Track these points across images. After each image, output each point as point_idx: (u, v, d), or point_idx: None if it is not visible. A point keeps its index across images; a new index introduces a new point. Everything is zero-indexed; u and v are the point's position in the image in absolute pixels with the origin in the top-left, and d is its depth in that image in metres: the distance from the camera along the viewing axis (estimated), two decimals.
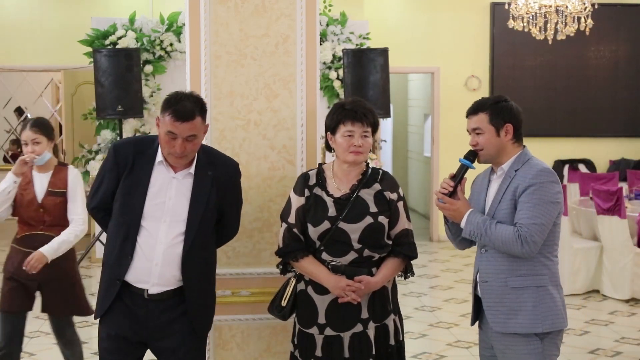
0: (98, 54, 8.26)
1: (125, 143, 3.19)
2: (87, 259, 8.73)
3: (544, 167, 3.07)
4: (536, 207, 2.98)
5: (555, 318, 3.06)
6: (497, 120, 3.10)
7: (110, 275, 3.10)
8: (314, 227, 3.15)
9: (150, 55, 8.97)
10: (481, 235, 3.05)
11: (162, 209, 3.06)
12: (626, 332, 6.16)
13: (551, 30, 7.85)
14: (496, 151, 3.12)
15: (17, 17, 9.86)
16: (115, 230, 3.11)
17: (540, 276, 3.06)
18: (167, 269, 3.05)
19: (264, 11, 3.60)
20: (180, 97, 3.02)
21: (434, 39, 10.24)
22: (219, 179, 3.14)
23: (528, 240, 2.95)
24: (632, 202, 7.82)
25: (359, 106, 3.17)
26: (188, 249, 3.05)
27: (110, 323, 3.11)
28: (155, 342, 3.14)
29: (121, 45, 8.75)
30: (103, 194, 3.15)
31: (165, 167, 3.10)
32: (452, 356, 5.56)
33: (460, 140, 9.88)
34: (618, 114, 10.58)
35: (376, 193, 3.18)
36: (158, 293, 3.07)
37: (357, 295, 3.09)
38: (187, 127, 2.98)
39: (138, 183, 3.07)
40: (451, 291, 7.52)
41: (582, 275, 7.33)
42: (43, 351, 5.65)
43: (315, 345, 3.17)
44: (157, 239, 3.05)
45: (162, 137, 3.04)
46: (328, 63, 9.07)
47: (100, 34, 8.93)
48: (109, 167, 3.14)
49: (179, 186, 3.09)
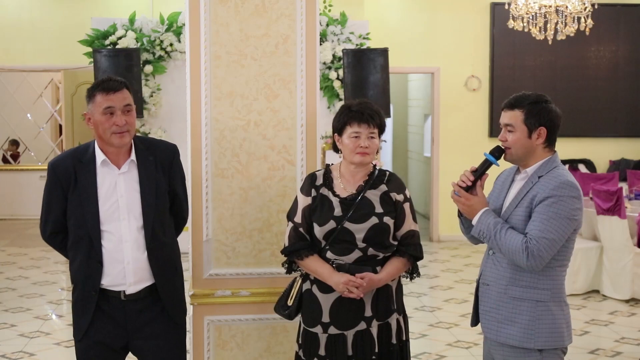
0: (98, 54, 8.26)
1: (61, 159, 3.16)
2: None
3: (567, 180, 2.91)
4: (550, 221, 2.83)
5: (552, 336, 2.92)
6: (532, 121, 2.94)
7: (83, 291, 3.10)
8: (320, 226, 3.16)
9: (150, 56, 8.97)
10: (490, 238, 2.93)
11: (117, 209, 3.07)
12: (626, 332, 6.16)
13: (551, 30, 7.85)
14: (524, 153, 2.99)
15: (17, 17, 9.86)
16: (77, 245, 3.10)
17: (541, 290, 2.93)
18: (138, 265, 3.08)
19: (264, 11, 3.60)
20: (102, 78, 3.10)
21: (434, 39, 10.24)
22: (162, 162, 3.17)
23: (535, 254, 2.82)
24: (632, 202, 7.82)
25: (366, 107, 3.19)
26: (150, 240, 3.08)
27: (92, 335, 3.11)
28: (136, 342, 3.14)
29: (121, 45, 8.76)
30: (55, 216, 3.13)
31: (108, 167, 3.10)
32: (452, 356, 5.56)
33: (460, 140, 9.96)
34: (618, 114, 10.58)
35: (382, 194, 3.20)
36: (135, 292, 3.09)
37: (360, 291, 3.09)
38: (121, 97, 3.03)
39: (86, 191, 3.07)
40: (451, 291, 7.52)
41: (582, 275, 7.32)
42: (43, 351, 5.65)
43: (319, 344, 3.18)
44: (121, 238, 3.06)
45: (100, 120, 3.03)
46: (328, 63, 9.07)
47: (100, 34, 8.93)
48: (52, 187, 3.12)
49: (126, 181, 3.10)
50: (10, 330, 6.14)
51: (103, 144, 3.09)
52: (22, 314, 6.66)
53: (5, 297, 7.24)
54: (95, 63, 8.24)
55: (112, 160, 3.10)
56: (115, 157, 3.11)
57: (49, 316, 6.58)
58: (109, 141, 3.06)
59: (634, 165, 10.40)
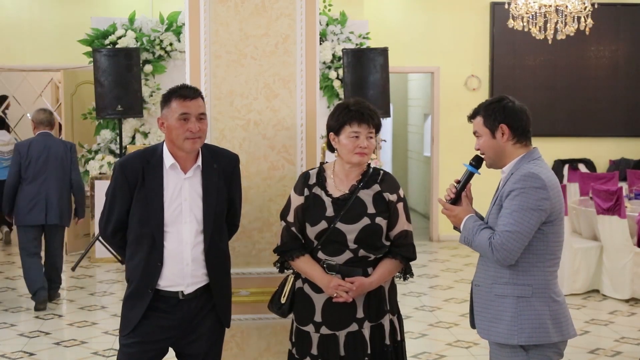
0: (98, 54, 8.26)
1: (130, 158, 3.22)
2: (87, 259, 8.73)
3: (529, 172, 2.92)
4: (513, 214, 2.88)
5: (535, 332, 2.92)
6: (491, 122, 3.03)
7: (139, 287, 3.16)
8: (312, 226, 3.16)
9: (150, 55, 8.97)
10: (470, 242, 3.00)
11: (180, 212, 3.14)
12: (626, 332, 6.16)
13: (551, 30, 7.85)
14: (496, 154, 3.04)
15: (17, 17, 9.86)
16: (138, 243, 3.16)
17: (522, 286, 2.94)
18: (196, 267, 3.16)
19: (264, 11, 3.60)
20: (179, 85, 3.16)
21: (434, 39, 10.23)
22: (225, 171, 3.23)
23: (498, 247, 2.87)
24: (632, 202, 7.82)
25: (365, 107, 3.18)
26: (208, 245, 3.16)
27: (141, 332, 3.16)
28: (185, 340, 3.21)
29: (121, 45, 8.76)
30: (119, 214, 3.18)
31: (175, 171, 3.16)
32: (452, 356, 5.56)
33: (460, 140, 9.94)
34: (618, 114, 10.57)
35: (375, 194, 3.18)
36: (192, 292, 3.17)
37: (350, 295, 3.09)
38: (196, 105, 3.10)
39: (153, 192, 3.13)
40: (451, 291, 7.52)
41: (582, 275, 7.32)
42: (43, 351, 5.65)
43: (312, 343, 3.18)
44: (182, 240, 3.14)
45: (174, 126, 3.09)
46: (328, 63, 9.08)
47: (100, 33, 8.94)
48: (120, 185, 3.17)
49: (191, 186, 3.17)
50: (10, 330, 6.14)
51: (174, 148, 3.15)
52: (22, 314, 6.66)
53: (5, 297, 7.23)
54: (95, 63, 8.24)
55: (180, 164, 3.17)
56: (183, 162, 3.17)
57: (49, 316, 6.58)
58: (181, 146, 3.12)
59: (634, 165, 10.40)
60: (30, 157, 6.67)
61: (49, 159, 6.72)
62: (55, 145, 6.83)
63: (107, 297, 7.28)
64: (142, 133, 8.96)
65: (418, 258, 3.34)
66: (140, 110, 8.44)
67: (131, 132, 8.95)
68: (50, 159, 6.72)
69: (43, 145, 6.74)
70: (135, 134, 8.99)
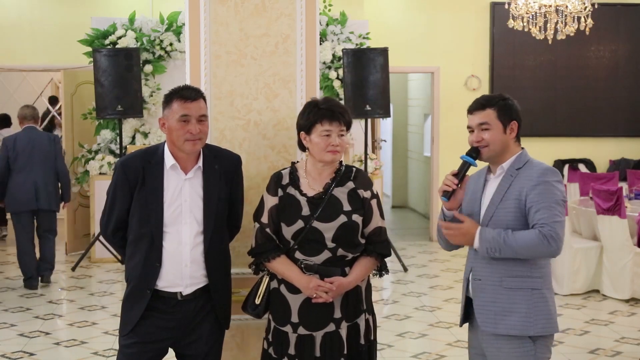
0: (98, 54, 8.26)
1: (131, 157, 3.22)
2: (87, 259, 8.74)
3: (548, 166, 3.07)
4: (553, 206, 2.96)
5: (547, 322, 3.03)
6: (505, 117, 3.08)
7: (137, 287, 3.16)
8: (288, 226, 3.15)
9: (150, 55, 8.97)
10: (500, 249, 2.97)
11: (180, 212, 3.14)
12: (626, 332, 6.16)
13: (551, 30, 7.85)
14: (501, 148, 3.08)
15: (17, 17, 9.86)
16: (137, 243, 3.16)
17: (535, 279, 3.03)
18: (195, 268, 3.16)
19: (264, 11, 3.60)
20: (180, 86, 3.17)
21: (434, 39, 10.23)
22: (226, 172, 3.23)
23: (554, 237, 2.92)
24: (632, 202, 7.82)
25: (335, 105, 3.18)
26: (208, 246, 3.16)
27: (140, 332, 3.16)
28: (185, 341, 3.21)
29: (121, 45, 8.76)
30: (119, 213, 3.19)
31: (176, 171, 3.16)
32: (452, 356, 5.55)
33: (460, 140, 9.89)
34: (618, 114, 10.57)
35: (350, 191, 3.19)
36: (191, 293, 3.16)
37: (329, 296, 3.10)
38: (197, 107, 3.10)
39: (153, 192, 3.13)
40: (451, 291, 7.51)
41: (582, 275, 7.32)
42: (43, 351, 5.65)
43: (289, 342, 3.18)
44: (181, 241, 3.14)
45: (174, 127, 3.09)
46: (328, 63, 9.07)
47: (100, 33, 8.93)
48: (120, 184, 3.17)
49: (191, 187, 3.17)
50: (10, 330, 6.14)
51: (174, 148, 3.16)
52: (22, 313, 6.66)
53: (5, 297, 7.24)
54: (95, 63, 8.24)
55: (180, 165, 3.17)
56: (184, 163, 3.17)
57: (49, 316, 6.58)
58: (181, 147, 3.12)
59: (634, 165, 10.40)
60: (17, 150, 7.35)
61: (34, 151, 7.39)
62: (40, 137, 7.52)
63: (107, 297, 7.29)
64: (142, 133, 8.96)
65: (418, 258, 3.34)
66: (141, 110, 8.44)
67: (131, 132, 8.95)
68: (35, 151, 7.39)
69: (28, 138, 7.41)
70: (135, 134, 8.99)
